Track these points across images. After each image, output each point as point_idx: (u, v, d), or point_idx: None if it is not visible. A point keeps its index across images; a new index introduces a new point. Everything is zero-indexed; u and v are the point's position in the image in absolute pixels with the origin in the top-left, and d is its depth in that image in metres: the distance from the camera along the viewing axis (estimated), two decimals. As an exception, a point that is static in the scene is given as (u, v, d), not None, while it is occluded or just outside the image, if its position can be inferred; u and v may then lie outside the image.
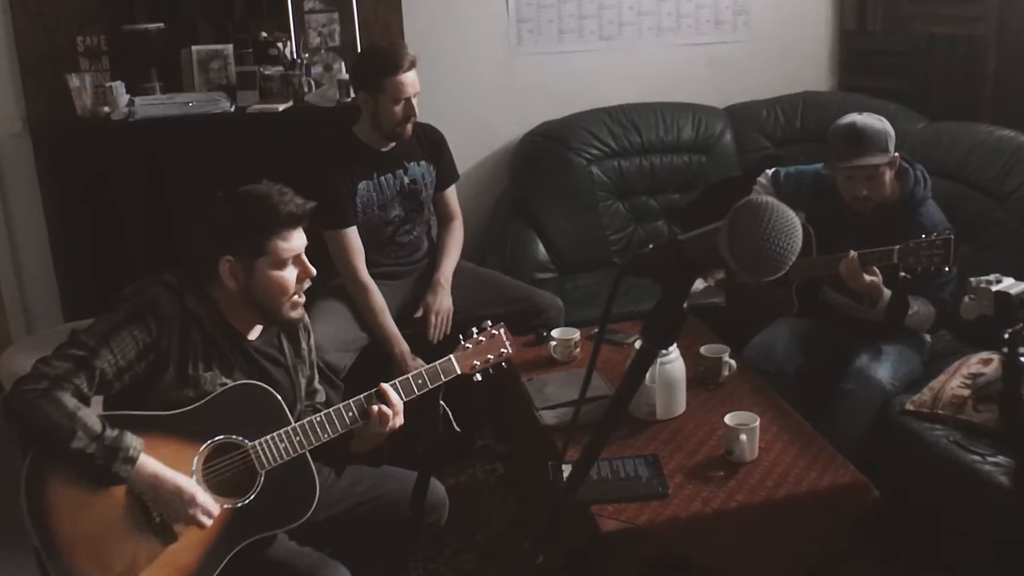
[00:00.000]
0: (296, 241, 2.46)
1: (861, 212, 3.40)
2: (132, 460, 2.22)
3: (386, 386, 2.54)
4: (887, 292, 3.31)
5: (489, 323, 2.78)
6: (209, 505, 2.32)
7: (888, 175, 3.35)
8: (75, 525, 2.24)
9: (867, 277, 3.25)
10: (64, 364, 2.24)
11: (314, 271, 2.51)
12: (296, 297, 2.50)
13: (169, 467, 2.29)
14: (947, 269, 3.15)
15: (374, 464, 2.71)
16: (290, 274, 2.46)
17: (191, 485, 2.30)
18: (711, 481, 2.72)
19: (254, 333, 2.55)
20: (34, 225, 4.44)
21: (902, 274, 3.19)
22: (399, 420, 2.54)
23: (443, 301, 3.80)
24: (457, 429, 2.66)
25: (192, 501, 2.29)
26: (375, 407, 2.51)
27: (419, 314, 3.80)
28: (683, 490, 2.68)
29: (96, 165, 4.11)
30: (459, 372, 2.68)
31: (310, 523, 2.48)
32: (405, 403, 2.57)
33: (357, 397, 2.54)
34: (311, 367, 2.73)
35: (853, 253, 3.26)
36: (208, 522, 2.31)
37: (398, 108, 3.62)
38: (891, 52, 4.89)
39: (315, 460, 2.52)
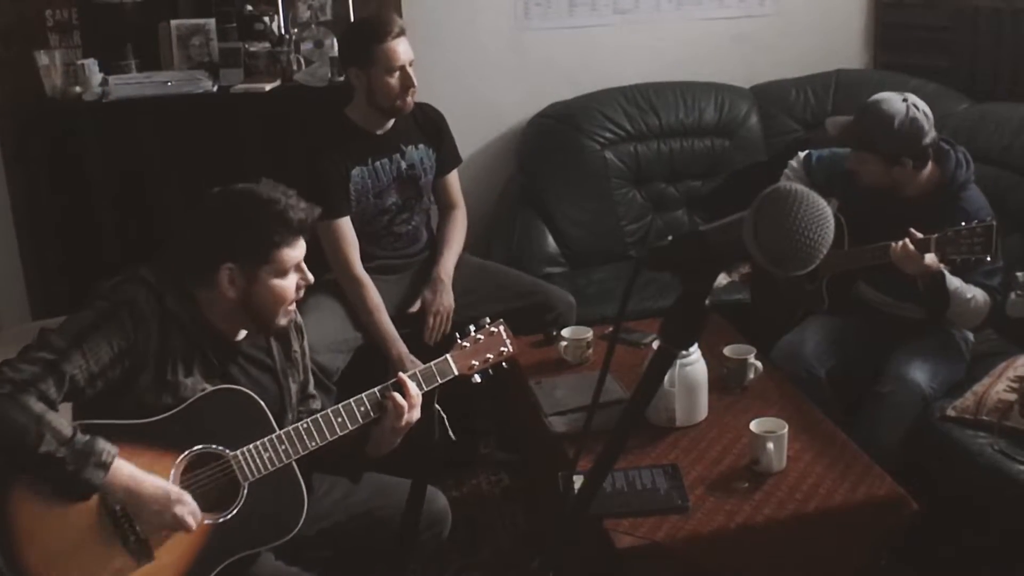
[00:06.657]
0: (300, 249, 2.50)
1: (897, 198, 3.39)
2: (105, 466, 2.21)
3: (405, 376, 2.59)
4: (952, 279, 3.28)
5: (488, 320, 2.80)
6: (194, 506, 2.33)
7: (880, 169, 3.33)
8: (42, 545, 2.24)
9: (930, 258, 3.17)
10: (30, 368, 2.22)
11: (312, 278, 2.56)
12: (291, 305, 2.53)
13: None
14: (988, 259, 3.14)
15: (355, 479, 2.73)
16: (291, 282, 2.49)
17: (174, 486, 2.31)
18: (735, 493, 2.72)
19: (239, 336, 2.56)
20: (-1, 215, 4.45)
21: (940, 265, 3.18)
22: (416, 414, 2.58)
23: (443, 298, 3.80)
24: (452, 437, 2.68)
25: (180, 499, 2.30)
26: (392, 398, 2.55)
27: (415, 309, 3.81)
28: (705, 503, 2.68)
29: (67, 150, 4.11)
30: (456, 373, 2.70)
31: (301, 538, 2.49)
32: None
33: (371, 391, 2.57)
34: (304, 371, 2.74)
35: (903, 241, 3.20)
36: (195, 525, 2.32)
37: (393, 79, 3.62)
38: (931, 26, 4.88)
39: (330, 470, 2.55)
